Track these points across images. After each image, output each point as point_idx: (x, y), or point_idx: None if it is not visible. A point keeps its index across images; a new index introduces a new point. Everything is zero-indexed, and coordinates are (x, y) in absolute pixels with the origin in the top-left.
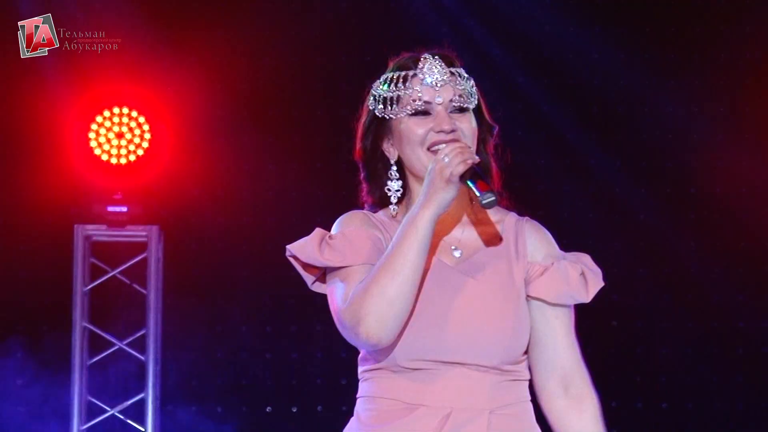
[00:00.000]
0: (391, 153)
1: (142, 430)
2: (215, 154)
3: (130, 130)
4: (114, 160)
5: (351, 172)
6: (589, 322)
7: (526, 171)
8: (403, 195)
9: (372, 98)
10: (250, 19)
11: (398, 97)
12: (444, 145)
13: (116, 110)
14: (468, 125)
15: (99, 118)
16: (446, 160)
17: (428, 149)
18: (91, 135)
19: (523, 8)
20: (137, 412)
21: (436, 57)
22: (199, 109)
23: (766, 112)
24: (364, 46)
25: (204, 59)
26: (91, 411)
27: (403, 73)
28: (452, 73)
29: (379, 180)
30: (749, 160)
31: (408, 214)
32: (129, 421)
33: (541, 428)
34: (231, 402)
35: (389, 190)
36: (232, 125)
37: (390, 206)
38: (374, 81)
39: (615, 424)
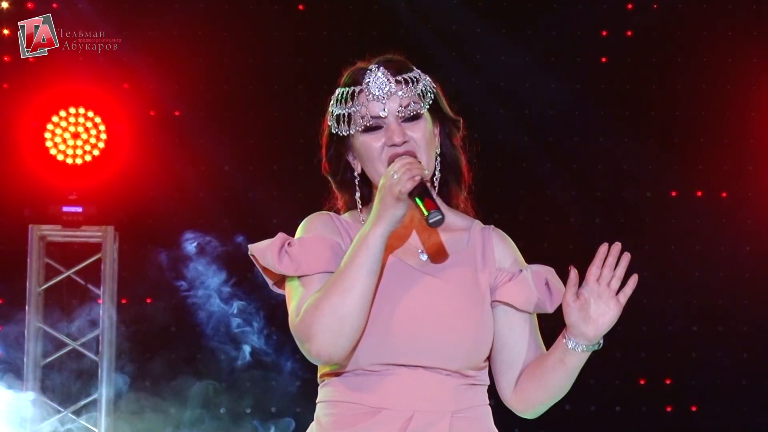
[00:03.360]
0: (356, 165)
1: (95, 430)
2: (171, 156)
3: (86, 130)
4: (70, 161)
5: (306, 174)
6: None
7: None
8: (370, 200)
9: (330, 115)
10: (207, 21)
11: (349, 114)
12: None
13: (72, 110)
14: (420, 134)
15: (55, 118)
16: (395, 177)
17: (388, 163)
18: (47, 135)
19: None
20: (90, 413)
21: (381, 67)
22: (155, 110)
23: None
24: (320, 48)
25: (160, 60)
26: (43, 411)
27: (350, 90)
28: (399, 82)
29: (349, 188)
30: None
31: (360, 232)
32: (82, 422)
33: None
34: (186, 403)
35: (359, 199)
36: (188, 126)
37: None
38: (333, 92)
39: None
